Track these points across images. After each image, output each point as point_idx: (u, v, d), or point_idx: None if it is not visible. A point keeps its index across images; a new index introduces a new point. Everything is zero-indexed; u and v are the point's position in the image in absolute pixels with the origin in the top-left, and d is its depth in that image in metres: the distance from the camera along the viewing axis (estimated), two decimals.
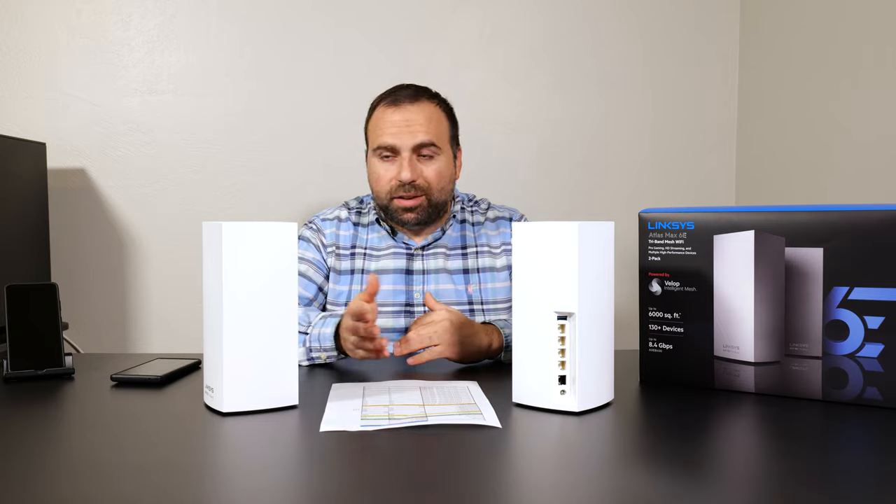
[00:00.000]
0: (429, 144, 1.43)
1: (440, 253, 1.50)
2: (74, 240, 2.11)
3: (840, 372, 1.00)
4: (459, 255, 1.51)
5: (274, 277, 0.98)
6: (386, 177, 1.45)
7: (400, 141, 1.43)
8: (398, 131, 1.43)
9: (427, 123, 1.44)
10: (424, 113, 1.45)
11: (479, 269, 1.50)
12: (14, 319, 1.18)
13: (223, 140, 2.13)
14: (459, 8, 2.16)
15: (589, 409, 0.98)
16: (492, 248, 1.52)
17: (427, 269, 1.49)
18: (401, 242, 1.51)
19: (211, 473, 0.78)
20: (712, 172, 2.24)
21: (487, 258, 1.51)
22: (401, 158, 1.43)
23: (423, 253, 1.50)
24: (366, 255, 1.51)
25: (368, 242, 1.52)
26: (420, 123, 1.43)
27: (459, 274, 1.49)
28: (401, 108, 1.45)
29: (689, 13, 2.21)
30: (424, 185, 1.44)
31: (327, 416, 0.94)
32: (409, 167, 1.42)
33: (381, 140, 1.44)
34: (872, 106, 1.67)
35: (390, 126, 1.44)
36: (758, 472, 0.76)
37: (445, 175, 1.47)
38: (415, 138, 1.43)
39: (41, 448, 0.84)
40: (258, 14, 2.12)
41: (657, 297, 1.13)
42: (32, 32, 2.08)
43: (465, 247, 1.52)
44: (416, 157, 1.44)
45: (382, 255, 1.50)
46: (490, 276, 1.50)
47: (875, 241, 0.98)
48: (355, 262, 1.50)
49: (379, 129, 1.46)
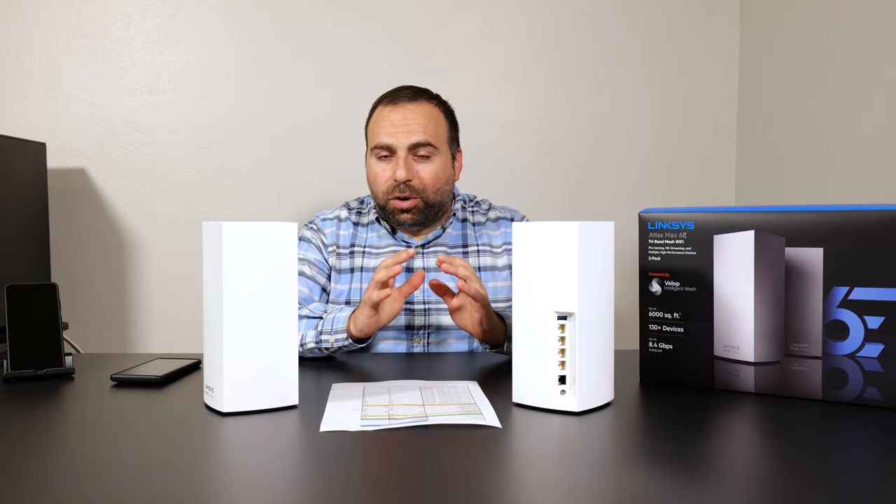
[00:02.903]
0: (425, 144, 1.43)
1: (440, 251, 1.50)
2: (74, 240, 2.11)
3: (840, 372, 1.01)
4: (460, 254, 1.51)
5: (274, 277, 0.98)
6: (383, 177, 1.45)
7: (396, 140, 1.43)
8: (395, 130, 1.43)
9: (425, 123, 1.44)
10: (422, 113, 1.45)
11: (480, 267, 1.50)
12: (14, 319, 1.18)
13: (223, 140, 2.13)
14: (459, 8, 2.16)
15: (589, 409, 0.98)
16: (493, 247, 1.52)
17: (427, 267, 1.49)
18: (400, 241, 1.51)
19: (211, 473, 0.78)
20: (712, 172, 2.24)
21: (489, 257, 1.51)
22: (397, 158, 1.43)
23: (423, 251, 1.50)
24: (365, 253, 1.51)
25: (368, 241, 1.52)
26: (417, 123, 1.43)
27: None
28: (399, 108, 1.45)
29: (689, 13, 2.21)
30: (419, 186, 1.43)
31: (327, 416, 0.94)
32: (405, 167, 1.42)
33: (378, 139, 1.45)
34: (872, 106, 1.67)
35: (388, 125, 1.44)
36: (758, 472, 0.76)
37: (442, 177, 1.46)
38: (410, 138, 1.43)
39: (41, 448, 0.84)
40: (258, 14, 2.12)
41: (657, 297, 1.13)
42: (32, 32, 2.08)
43: (465, 245, 1.52)
44: (413, 158, 1.44)
45: (382, 253, 1.50)
46: (491, 275, 1.50)
47: (875, 241, 0.98)
48: (355, 260, 1.50)
49: (377, 128, 1.46)
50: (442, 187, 1.47)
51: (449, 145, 1.50)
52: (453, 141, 1.52)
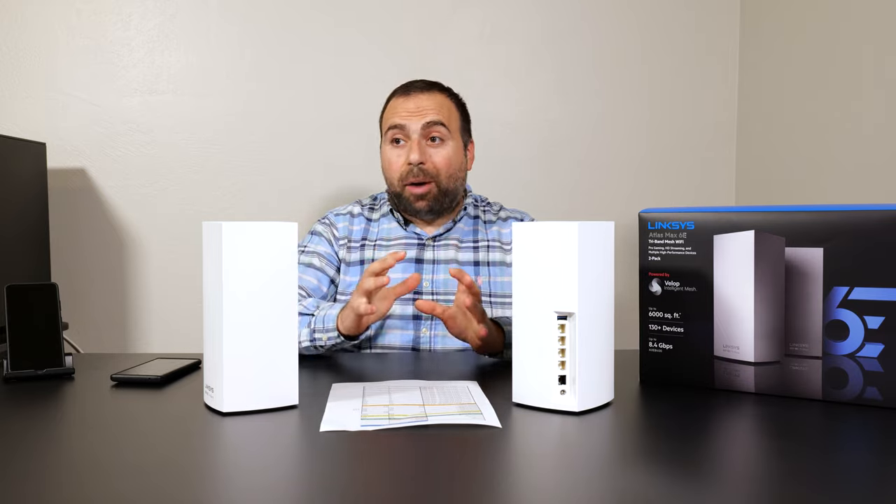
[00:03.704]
0: (437, 123, 1.48)
1: (451, 244, 1.52)
2: (74, 240, 2.11)
3: (840, 372, 1.01)
4: (471, 248, 1.53)
5: (274, 277, 0.98)
6: (397, 162, 1.49)
7: (409, 122, 1.48)
8: (408, 114, 1.49)
9: (437, 108, 1.49)
10: (435, 100, 1.50)
11: (490, 262, 1.52)
12: (14, 319, 1.18)
13: (223, 140, 2.13)
14: (459, 8, 2.16)
15: (589, 409, 0.98)
16: (503, 243, 1.54)
17: (437, 258, 1.51)
18: (412, 233, 1.53)
19: (211, 473, 0.78)
20: (712, 172, 2.24)
21: (498, 253, 1.53)
22: (410, 142, 1.48)
23: (434, 244, 1.52)
24: (376, 246, 1.53)
25: (380, 234, 1.55)
26: (430, 108, 1.49)
27: (470, 265, 1.51)
28: (412, 97, 1.51)
29: (689, 13, 2.21)
30: (433, 170, 1.47)
31: (327, 416, 0.94)
32: (418, 149, 1.47)
33: (391, 121, 1.50)
34: (872, 105, 1.67)
35: (402, 111, 1.50)
36: (758, 472, 0.76)
37: (454, 162, 1.50)
38: (423, 117, 1.48)
39: (41, 448, 0.84)
40: (258, 14, 2.12)
41: (657, 297, 1.13)
42: (32, 32, 2.08)
43: (476, 240, 1.55)
44: (426, 142, 1.48)
45: (393, 244, 1.52)
46: (500, 269, 1.51)
47: (875, 241, 0.98)
48: (365, 252, 1.53)
49: (391, 115, 1.52)
50: (455, 173, 1.51)
51: (461, 134, 1.54)
52: (465, 131, 1.57)
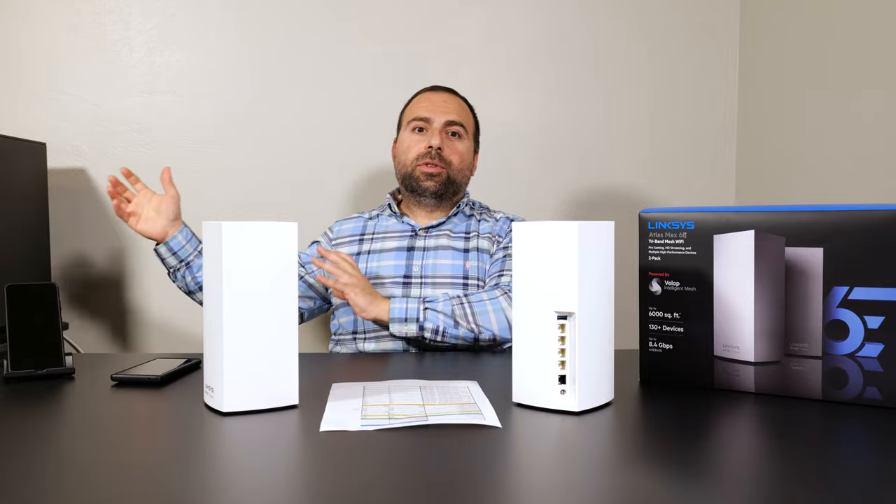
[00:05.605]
0: (458, 124, 1.59)
1: (443, 234, 1.60)
2: (74, 240, 2.11)
3: (840, 372, 1.00)
4: (462, 238, 1.60)
5: (274, 277, 0.98)
6: (416, 146, 1.59)
7: (433, 115, 1.58)
8: (433, 107, 1.59)
9: (458, 111, 1.61)
10: (457, 103, 1.66)
11: (479, 248, 1.58)
12: (14, 319, 1.18)
13: (223, 140, 2.13)
14: (459, 8, 2.16)
15: (589, 408, 0.98)
16: (492, 235, 1.61)
17: (427, 246, 1.58)
18: (406, 224, 1.61)
19: (211, 473, 0.78)
20: (712, 172, 2.24)
21: (486, 241, 1.60)
22: (432, 130, 1.58)
23: (426, 234, 1.60)
24: (373, 239, 1.61)
25: (377, 228, 1.63)
26: (453, 106, 1.61)
27: (460, 252, 1.57)
28: (438, 93, 1.62)
29: (690, 13, 2.21)
30: (448, 158, 1.58)
31: (327, 416, 0.94)
32: (439, 137, 1.57)
33: (416, 113, 1.60)
34: (873, 105, 1.67)
35: (428, 104, 1.61)
36: (758, 472, 0.76)
37: (466, 159, 1.62)
38: (447, 115, 1.59)
39: (41, 448, 0.84)
40: (258, 14, 2.12)
41: (657, 297, 1.13)
42: (33, 32, 2.08)
43: (467, 233, 1.61)
44: (446, 136, 1.59)
45: (388, 236, 1.60)
46: (488, 257, 1.58)
47: (875, 241, 0.98)
48: (363, 245, 1.61)
49: (416, 107, 1.62)
50: (464, 170, 1.62)
51: (473, 137, 1.66)
52: (476, 139, 1.68)
